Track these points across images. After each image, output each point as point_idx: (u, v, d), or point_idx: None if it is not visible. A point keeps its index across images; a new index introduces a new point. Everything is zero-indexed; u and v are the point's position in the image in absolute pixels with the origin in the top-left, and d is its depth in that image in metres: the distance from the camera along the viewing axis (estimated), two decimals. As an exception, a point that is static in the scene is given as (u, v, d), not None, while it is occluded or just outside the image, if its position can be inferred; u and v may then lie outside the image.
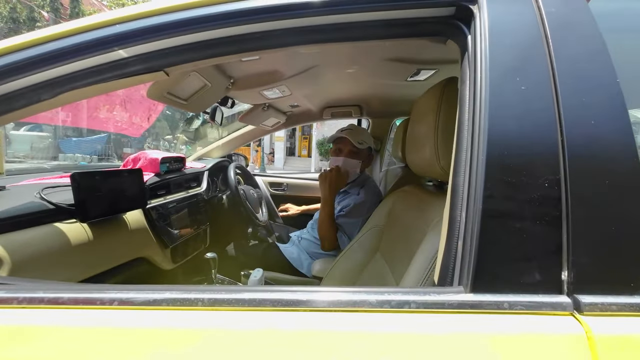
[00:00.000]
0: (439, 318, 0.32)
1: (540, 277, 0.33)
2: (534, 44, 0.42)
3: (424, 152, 0.72)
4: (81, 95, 0.59)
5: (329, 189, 1.31)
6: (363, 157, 1.39)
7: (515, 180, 0.35)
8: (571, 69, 0.39)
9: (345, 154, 1.36)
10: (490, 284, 0.33)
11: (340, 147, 1.38)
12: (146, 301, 0.34)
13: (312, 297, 0.33)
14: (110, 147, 8.11)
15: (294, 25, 0.54)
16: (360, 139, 1.36)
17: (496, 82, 0.40)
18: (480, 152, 0.37)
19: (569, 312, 0.31)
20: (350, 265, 1.13)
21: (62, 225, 0.78)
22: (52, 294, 0.34)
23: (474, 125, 0.40)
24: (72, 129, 9.02)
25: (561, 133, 0.36)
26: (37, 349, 0.32)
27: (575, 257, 0.32)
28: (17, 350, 0.32)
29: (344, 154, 1.36)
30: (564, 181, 0.34)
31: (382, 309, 0.32)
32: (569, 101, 0.37)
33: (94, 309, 0.34)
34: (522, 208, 0.34)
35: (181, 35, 0.53)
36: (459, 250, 0.36)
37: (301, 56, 1.03)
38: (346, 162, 1.35)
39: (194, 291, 0.34)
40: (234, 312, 0.33)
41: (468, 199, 0.37)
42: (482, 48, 0.43)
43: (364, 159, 1.39)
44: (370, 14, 0.53)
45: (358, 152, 1.36)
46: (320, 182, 1.35)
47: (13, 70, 0.49)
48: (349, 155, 1.35)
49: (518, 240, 0.34)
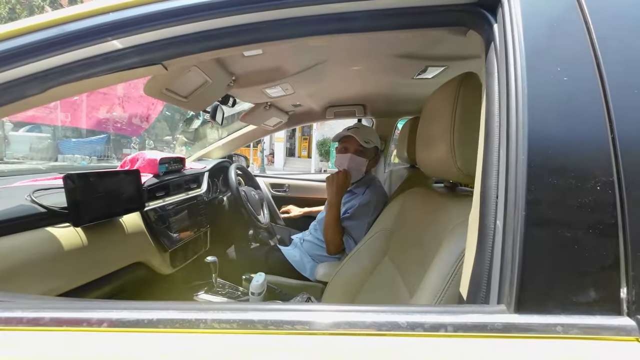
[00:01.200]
0: (481, 343, 0.27)
1: (595, 295, 0.28)
2: (573, 31, 0.37)
3: (438, 152, 0.68)
4: (73, 90, 0.55)
5: (335, 191, 1.26)
6: (369, 156, 1.35)
7: (562, 183, 0.31)
8: (617, 56, 0.35)
9: (351, 152, 1.32)
10: (538, 303, 0.29)
11: (346, 146, 1.35)
12: (140, 322, 0.29)
13: (320, 318, 0.29)
14: (110, 148, 8.08)
15: (302, 14, 0.50)
16: (367, 138, 1.32)
17: (534, 73, 0.36)
18: (520, 152, 0.32)
19: (634, 338, 0.27)
20: (356, 269, 1.08)
21: (54, 229, 0.74)
22: (33, 313, 0.30)
23: (508, 122, 0.35)
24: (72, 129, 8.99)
25: (611, 129, 0.32)
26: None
27: (636, 272, 0.28)
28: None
29: (350, 152, 1.32)
30: (618, 184, 0.30)
31: (415, 332, 0.28)
32: (618, 93, 0.33)
33: (80, 332, 0.29)
34: (572, 215, 0.30)
35: (181, 24, 0.49)
36: (496, 263, 0.32)
37: (306, 52, 0.99)
38: (352, 159, 1.31)
39: (195, 310, 0.30)
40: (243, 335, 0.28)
41: (506, 204, 0.32)
42: (515, 37, 0.39)
43: (370, 158, 1.35)
44: (386, 2, 0.49)
45: (364, 151, 1.33)
46: (327, 185, 1.30)
47: (-4, 61, 0.45)
48: (355, 154, 1.32)
49: (568, 252, 0.29)
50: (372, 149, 1.35)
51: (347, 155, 1.32)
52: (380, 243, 1.06)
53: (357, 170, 1.34)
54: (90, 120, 7.52)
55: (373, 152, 1.37)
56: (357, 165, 1.33)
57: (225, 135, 2.00)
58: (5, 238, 0.64)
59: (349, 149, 1.33)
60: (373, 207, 1.28)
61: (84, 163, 6.33)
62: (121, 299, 0.66)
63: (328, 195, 1.29)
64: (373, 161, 1.39)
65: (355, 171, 1.34)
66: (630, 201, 0.30)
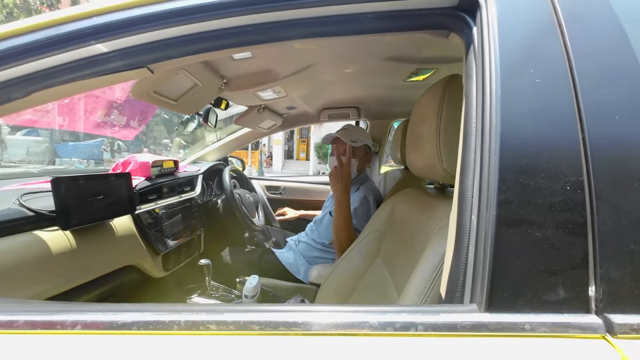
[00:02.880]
0: (451, 343, 0.27)
1: (564, 294, 0.29)
2: (547, 33, 0.38)
3: (425, 153, 0.69)
4: (58, 94, 0.55)
5: (343, 186, 1.23)
6: (359, 155, 1.37)
7: (533, 183, 0.31)
8: (589, 57, 0.36)
9: (340, 153, 1.33)
10: (508, 302, 0.29)
11: (336, 148, 1.36)
12: (114, 324, 0.29)
13: (303, 318, 0.29)
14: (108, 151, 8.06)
15: (287, 18, 0.51)
16: (354, 137, 1.34)
17: (507, 75, 0.36)
18: (492, 152, 0.33)
19: (600, 335, 0.27)
20: (348, 271, 1.08)
21: (42, 233, 0.74)
22: (6, 316, 0.30)
23: (483, 122, 0.36)
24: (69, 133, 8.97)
25: (582, 129, 0.32)
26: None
27: (603, 270, 0.28)
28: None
29: (340, 153, 1.33)
30: (587, 184, 0.31)
31: (385, 332, 0.28)
32: (589, 95, 0.34)
33: (53, 334, 0.29)
34: (542, 214, 0.30)
35: (165, 28, 0.49)
36: (470, 261, 0.32)
37: (296, 55, 0.99)
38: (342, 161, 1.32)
39: (169, 312, 0.30)
40: (215, 337, 0.29)
41: (480, 204, 0.33)
42: (491, 39, 0.39)
43: (360, 157, 1.37)
44: (366, 5, 0.49)
45: (354, 150, 1.34)
46: (331, 183, 1.27)
47: (-22, 65, 0.45)
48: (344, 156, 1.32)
49: (538, 252, 0.30)
50: (361, 147, 1.36)
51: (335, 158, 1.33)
52: (372, 245, 1.06)
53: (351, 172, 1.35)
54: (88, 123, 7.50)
55: (363, 150, 1.37)
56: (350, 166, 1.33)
57: (223, 137, 2.00)
58: (-7, 242, 0.64)
59: (339, 150, 1.35)
60: (372, 201, 1.29)
61: (81, 167, 6.31)
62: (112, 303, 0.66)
63: (335, 193, 1.25)
64: (364, 160, 1.40)
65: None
66: (600, 201, 0.30)
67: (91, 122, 7.50)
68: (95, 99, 5.79)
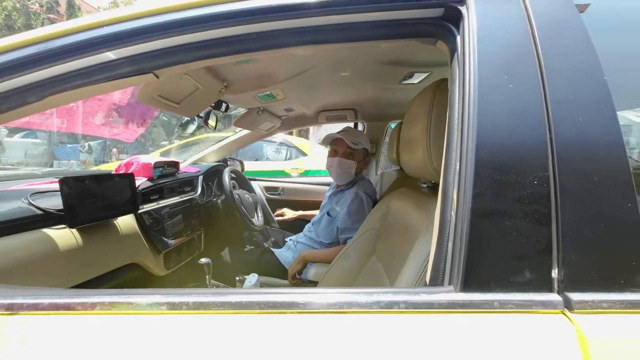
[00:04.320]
0: (428, 318, 0.31)
1: (530, 276, 0.32)
2: (522, 42, 0.42)
3: (417, 153, 0.72)
4: (69, 98, 0.59)
5: (302, 262, 1.33)
6: (358, 158, 1.40)
7: (505, 178, 0.35)
8: (559, 67, 0.40)
9: (340, 154, 1.37)
10: (481, 283, 0.32)
11: (335, 149, 1.39)
12: (130, 304, 0.33)
13: (299, 299, 0.33)
14: (107, 154, 8.07)
15: (283, 27, 0.54)
16: (355, 140, 1.37)
17: (484, 80, 0.40)
18: (470, 151, 0.36)
19: (559, 310, 0.31)
20: (345, 268, 1.12)
21: (50, 230, 0.77)
22: (32, 299, 0.33)
23: (462, 124, 0.40)
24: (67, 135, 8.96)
25: (550, 130, 0.36)
26: (17, 356, 0.31)
27: (565, 255, 0.32)
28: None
29: (339, 154, 1.37)
30: (553, 179, 0.34)
31: (372, 310, 0.31)
32: (557, 99, 0.37)
33: (76, 314, 0.33)
34: (512, 206, 0.34)
35: (170, 37, 0.53)
36: (449, 249, 0.36)
37: (294, 59, 1.03)
38: (341, 162, 1.36)
39: (178, 294, 0.33)
40: (220, 316, 0.32)
41: (458, 198, 0.36)
42: (471, 47, 0.43)
43: (359, 160, 1.40)
44: (359, 16, 0.53)
45: (353, 153, 1.37)
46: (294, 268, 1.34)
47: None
48: (344, 156, 1.37)
49: (508, 239, 0.33)
50: (360, 150, 1.39)
51: (335, 159, 1.37)
52: (367, 243, 1.10)
53: (347, 173, 1.39)
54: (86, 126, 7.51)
55: (362, 154, 1.41)
56: (345, 167, 1.37)
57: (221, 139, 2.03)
58: (4, 238, 0.67)
59: (338, 151, 1.38)
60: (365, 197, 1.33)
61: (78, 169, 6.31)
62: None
63: (301, 260, 1.33)
64: (362, 163, 1.43)
65: (345, 174, 1.39)
66: (563, 193, 0.34)
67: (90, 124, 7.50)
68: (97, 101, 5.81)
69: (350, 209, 1.32)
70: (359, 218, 1.29)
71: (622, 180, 0.34)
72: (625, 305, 0.31)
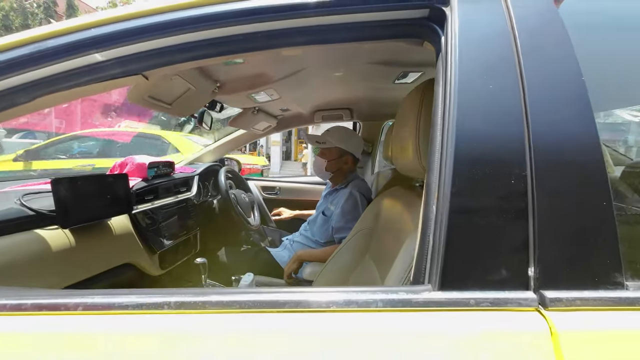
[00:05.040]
0: (404, 316, 0.31)
1: (507, 274, 0.33)
2: (502, 43, 0.42)
3: (407, 152, 0.73)
4: (59, 99, 0.59)
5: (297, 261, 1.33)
6: (329, 156, 1.42)
7: (482, 177, 0.35)
8: (538, 67, 0.40)
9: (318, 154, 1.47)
10: (458, 282, 0.33)
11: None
12: (111, 305, 0.33)
13: (279, 297, 0.33)
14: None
15: (269, 28, 0.54)
16: (321, 139, 1.42)
17: (465, 80, 0.40)
18: (450, 149, 0.37)
19: (534, 308, 0.31)
20: (339, 267, 1.12)
21: (42, 231, 0.77)
22: (15, 300, 0.34)
23: (444, 123, 0.40)
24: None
25: (527, 129, 0.37)
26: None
27: (541, 253, 0.33)
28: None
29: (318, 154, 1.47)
30: (530, 178, 0.35)
31: (349, 308, 0.32)
32: (535, 98, 0.38)
33: (59, 315, 0.33)
34: (489, 204, 0.34)
35: (158, 38, 0.53)
36: (429, 248, 0.36)
37: (286, 59, 1.03)
38: (316, 160, 1.47)
39: (160, 294, 0.34)
40: (200, 315, 0.33)
41: (438, 196, 0.37)
42: (453, 48, 0.44)
43: (330, 158, 1.42)
44: (345, 17, 0.53)
45: (324, 152, 1.44)
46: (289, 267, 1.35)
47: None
48: (320, 155, 1.46)
49: (485, 237, 0.34)
50: (333, 149, 1.41)
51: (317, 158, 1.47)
52: (361, 242, 1.10)
53: (322, 171, 1.46)
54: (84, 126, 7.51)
55: (334, 152, 1.42)
56: (319, 165, 1.45)
57: (218, 139, 2.03)
58: (-5, 239, 0.68)
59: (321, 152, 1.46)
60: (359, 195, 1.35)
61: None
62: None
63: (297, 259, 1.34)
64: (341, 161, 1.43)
65: (321, 172, 1.46)
66: (540, 191, 0.34)
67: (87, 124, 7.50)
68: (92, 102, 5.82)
69: (344, 209, 1.33)
70: (353, 217, 1.30)
71: (598, 179, 0.34)
72: (598, 302, 0.31)
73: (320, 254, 1.35)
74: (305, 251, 1.39)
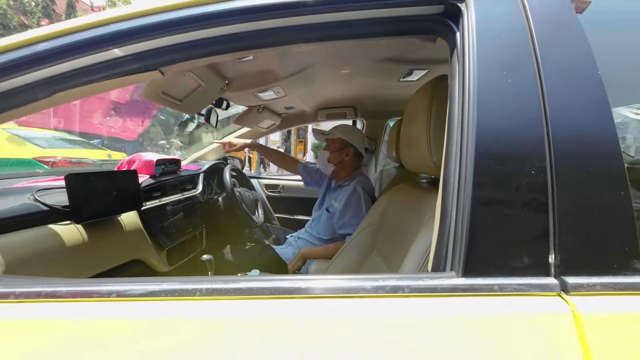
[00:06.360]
0: (431, 302, 0.33)
1: (528, 261, 0.34)
2: (519, 39, 0.43)
3: (417, 148, 0.74)
4: (77, 94, 0.60)
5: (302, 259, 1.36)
6: (333, 148, 1.44)
7: (503, 169, 0.36)
8: (555, 62, 0.41)
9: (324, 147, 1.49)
10: (481, 269, 0.34)
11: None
12: (144, 292, 0.34)
13: (309, 284, 0.34)
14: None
15: (285, 24, 0.55)
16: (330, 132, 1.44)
17: (484, 76, 0.41)
18: (470, 143, 0.38)
19: (556, 293, 0.33)
20: (346, 263, 1.13)
21: (56, 226, 0.78)
22: (50, 287, 0.34)
23: (463, 118, 0.41)
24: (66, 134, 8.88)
25: (546, 123, 0.38)
26: (36, 341, 0.32)
27: (561, 241, 0.34)
28: (16, 343, 0.32)
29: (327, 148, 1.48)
30: (550, 169, 0.36)
31: (377, 294, 0.33)
32: (553, 93, 0.39)
33: (92, 302, 0.34)
34: (510, 195, 0.35)
35: (176, 34, 0.54)
36: (451, 237, 0.37)
37: (295, 57, 1.04)
38: (321, 153, 1.49)
39: (191, 282, 0.35)
40: (232, 301, 0.33)
41: (459, 188, 0.38)
42: (470, 44, 0.44)
43: (333, 149, 1.44)
44: (361, 12, 0.54)
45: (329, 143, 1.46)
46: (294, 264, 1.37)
47: (9, 68, 0.50)
48: (324, 148, 1.48)
49: (507, 226, 0.35)
50: (336, 140, 1.43)
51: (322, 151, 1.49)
52: (368, 238, 1.11)
53: (323, 162, 1.47)
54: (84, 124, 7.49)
55: (337, 143, 1.43)
56: (323, 156, 1.47)
57: (220, 138, 2.04)
58: (11, 234, 0.68)
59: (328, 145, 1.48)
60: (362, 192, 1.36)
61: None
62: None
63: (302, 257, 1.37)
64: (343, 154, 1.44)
65: (325, 164, 1.47)
66: (559, 183, 0.35)
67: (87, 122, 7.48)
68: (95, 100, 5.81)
69: (347, 205, 1.34)
70: (355, 213, 1.32)
71: (614, 170, 0.36)
72: (617, 287, 0.32)
73: (323, 250, 1.36)
74: (309, 248, 1.41)
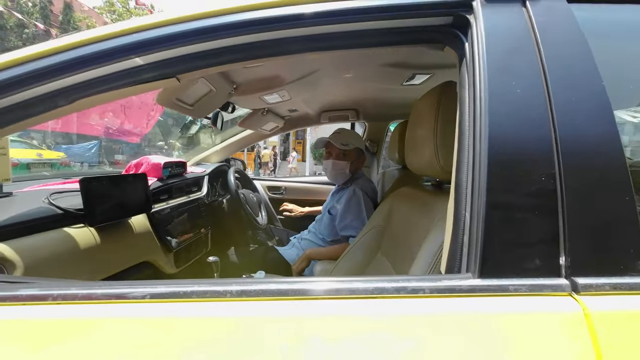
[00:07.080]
0: (452, 302, 0.35)
1: (540, 263, 0.36)
2: (526, 48, 0.46)
3: (424, 152, 0.76)
4: (97, 101, 0.61)
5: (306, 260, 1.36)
6: (351, 157, 1.45)
7: (515, 175, 0.38)
8: (560, 71, 0.43)
9: (333, 157, 1.44)
10: (496, 270, 0.36)
11: (329, 151, 1.47)
12: (175, 293, 0.36)
13: (330, 286, 0.36)
14: (102, 154, 8.02)
15: (299, 35, 0.57)
16: (345, 141, 1.43)
17: (494, 85, 0.43)
18: (483, 150, 0.40)
19: (567, 293, 0.35)
20: (351, 265, 1.15)
21: (70, 229, 0.79)
22: (86, 290, 0.36)
23: (474, 126, 0.43)
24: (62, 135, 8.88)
25: (554, 130, 0.40)
26: (74, 342, 0.34)
27: (571, 244, 0.36)
28: (56, 344, 0.33)
29: (332, 157, 1.45)
30: (559, 175, 0.38)
31: (399, 295, 0.35)
32: (559, 100, 0.41)
33: (126, 303, 0.36)
34: (522, 200, 0.38)
35: (194, 43, 0.56)
36: (466, 240, 0.39)
37: (302, 62, 1.06)
38: (334, 164, 1.44)
39: (221, 284, 0.36)
40: (261, 302, 0.35)
41: (472, 194, 0.40)
42: (480, 54, 0.47)
43: (352, 159, 1.45)
44: (372, 23, 0.56)
45: (346, 153, 1.44)
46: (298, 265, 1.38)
47: (33, 78, 0.51)
48: (336, 158, 1.44)
49: (519, 229, 0.37)
50: (352, 150, 1.45)
51: (329, 161, 1.45)
52: (372, 240, 1.13)
53: (341, 173, 1.46)
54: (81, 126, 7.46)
55: (354, 153, 1.46)
56: (339, 168, 1.45)
57: (218, 141, 2.06)
58: (28, 237, 0.70)
59: (332, 153, 1.45)
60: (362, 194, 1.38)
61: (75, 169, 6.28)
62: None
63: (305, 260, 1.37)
64: (357, 162, 1.48)
65: (339, 174, 1.46)
66: (568, 189, 0.37)
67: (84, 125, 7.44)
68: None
69: (347, 207, 1.36)
70: (356, 215, 1.34)
71: (620, 175, 0.38)
72: (626, 287, 0.35)
73: (327, 251, 1.38)
74: (313, 250, 1.42)
